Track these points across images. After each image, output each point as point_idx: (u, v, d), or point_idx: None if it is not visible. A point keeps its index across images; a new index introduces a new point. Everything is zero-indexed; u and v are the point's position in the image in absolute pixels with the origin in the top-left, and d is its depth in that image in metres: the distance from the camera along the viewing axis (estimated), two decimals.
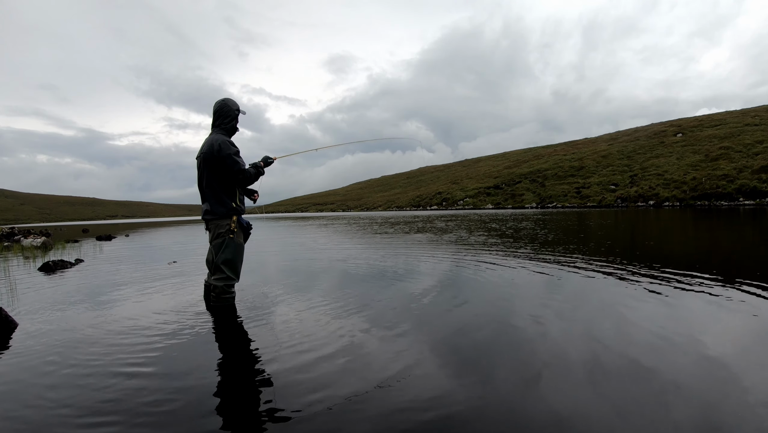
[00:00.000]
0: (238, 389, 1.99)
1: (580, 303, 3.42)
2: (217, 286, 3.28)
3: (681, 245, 8.12)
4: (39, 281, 5.35)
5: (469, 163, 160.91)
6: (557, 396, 1.80)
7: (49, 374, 2.20)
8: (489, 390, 1.87)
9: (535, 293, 3.82)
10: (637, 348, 2.33)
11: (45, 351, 2.56)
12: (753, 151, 56.49)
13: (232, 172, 3.18)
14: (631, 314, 3.03)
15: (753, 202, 44.69)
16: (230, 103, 3.37)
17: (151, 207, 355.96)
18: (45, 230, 22.11)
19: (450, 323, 2.93)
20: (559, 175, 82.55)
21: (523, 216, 26.65)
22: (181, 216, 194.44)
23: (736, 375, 1.97)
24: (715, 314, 2.99)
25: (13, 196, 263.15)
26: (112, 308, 3.66)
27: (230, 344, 2.66)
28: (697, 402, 1.73)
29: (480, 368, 2.13)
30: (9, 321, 3.05)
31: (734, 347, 2.33)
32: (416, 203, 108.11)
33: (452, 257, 6.56)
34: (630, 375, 1.99)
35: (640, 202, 56.90)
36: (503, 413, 1.68)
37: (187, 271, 5.84)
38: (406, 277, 4.86)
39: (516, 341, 2.53)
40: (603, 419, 1.62)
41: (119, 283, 5.02)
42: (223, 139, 3.21)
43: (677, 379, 1.94)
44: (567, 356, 2.25)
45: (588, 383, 1.92)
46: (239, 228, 3.31)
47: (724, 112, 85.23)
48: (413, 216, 37.02)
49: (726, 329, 2.67)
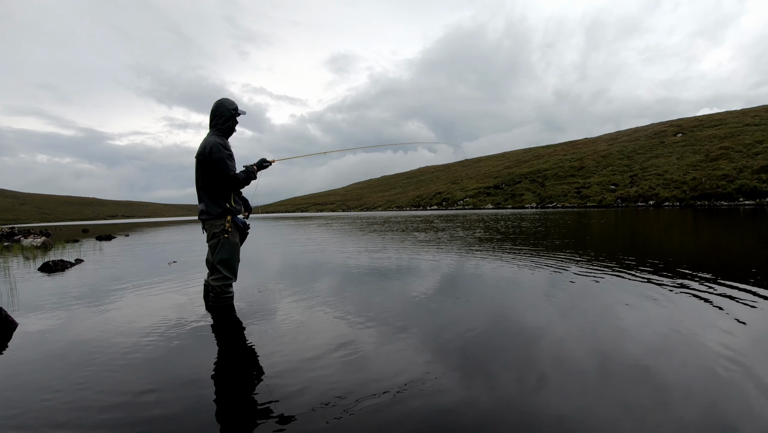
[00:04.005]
0: (237, 389, 1.99)
1: (583, 303, 3.42)
2: (215, 286, 3.28)
3: (681, 245, 8.12)
4: (39, 281, 5.35)
5: (469, 163, 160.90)
6: (561, 396, 1.79)
7: (49, 374, 2.20)
8: (492, 390, 1.87)
9: (536, 293, 3.82)
10: (640, 348, 2.33)
11: (45, 351, 2.56)
12: (753, 151, 56.51)
13: (221, 177, 3.19)
14: (633, 314, 3.03)
15: (753, 202, 44.71)
16: (227, 103, 3.37)
17: (152, 207, 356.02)
18: (45, 229, 22.11)
19: (451, 323, 2.93)
20: (559, 175, 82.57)
21: (523, 216, 26.65)
22: (181, 216, 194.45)
23: (738, 375, 1.96)
24: (716, 314, 2.99)
25: (13, 196, 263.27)
26: (112, 308, 3.66)
27: (229, 344, 2.65)
28: (700, 402, 1.73)
29: (482, 368, 2.13)
30: (9, 321, 3.05)
31: (737, 347, 2.32)
32: (416, 203, 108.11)
33: (453, 257, 6.56)
34: (634, 376, 1.98)
35: (640, 203, 56.89)
36: (507, 414, 1.67)
37: (187, 270, 5.84)
38: (406, 277, 4.86)
39: (518, 341, 2.52)
40: (607, 420, 1.61)
41: (119, 283, 5.02)
42: (216, 141, 3.20)
43: (680, 379, 1.93)
44: (570, 356, 2.24)
45: (592, 383, 1.92)
46: (234, 228, 3.32)
47: (724, 112, 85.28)
48: (413, 216, 37.02)
49: (728, 329, 2.66)
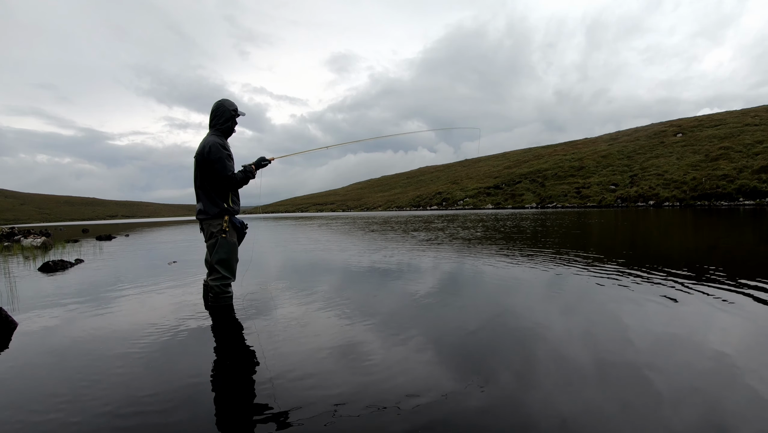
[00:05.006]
0: (236, 390, 2.00)
1: (582, 303, 3.43)
2: (214, 286, 3.29)
3: (681, 245, 8.12)
4: (39, 281, 5.36)
5: (469, 163, 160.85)
6: (562, 397, 1.80)
7: (49, 374, 2.21)
8: (492, 391, 1.88)
9: (536, 293, 3.83)
10: (639, 348, 2.33)
11: (45, 351, 2.57)
12: (753, 151, 56.45)
13: (219, 177, 3.20)
14: (632, 313, 3.03)
15: (753, 202, 44.66)
16: (226, 103, 3.39)
17: (152, 207, 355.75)
18: (45, 229, 22.12)
19: (451, 323, 2.94)
20: (559, 175, 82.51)
21: (523, 216, 26.65)
22: (181, 216, 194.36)
23: (739, 375, 1.97)
24: (717, 313, 3.00)
25: (13, 196, 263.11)
26: (112, 308, 3.67)
27: (229, 344, 2.66)
28: (700, 402, 1.74)
29: (483, 368, 2.14)
30: (9, 321, 3.06)
31: (737, 347, 2.33)
32: (416, 203, 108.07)
33: (453, 257, 6.57)
34: (633, 375, 1.99)
35: (640, 203, 56.87)
36: (507, 414, 1.68)
37: (187, 270, 5.84)
38: (406, 277, 4.87)
39: (519, 341, 2.53)
40: (607, 420, 1.62)
41: (119, 283, 5.03)
42: (215, 141, 3.21)
43: (680, 379, 1.94)
44: (570, 356, 2.25)
45: (591, 383, 1.93)
46: (232, 228, 3.33)
47: (724, 112, 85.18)
48: (413, 216, 37.01)
49: (728, 328, 2.67)
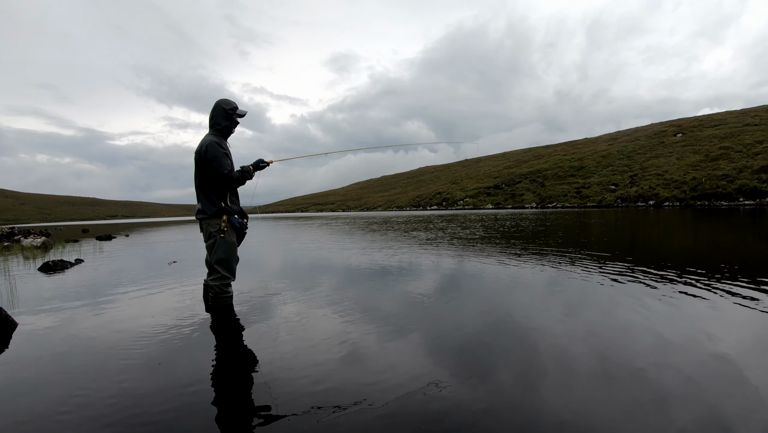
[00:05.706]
0: (236, 390, 2.00)
1: (583, 303, 3.43)
2: (214, 286, 3.29)
3: (681, 245, 8.12)
4: (39, 281, 5.36)
5: (469, 163, 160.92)
6: (562, 397, 1.80)
7: (48, 374, 2.21)
8: (493, 391, 1.88)
9: (537, 293, 3.82)
10: (640, 348, 2.33)
11: (44, 351, 2.57)
12: (753, 151, 56.45)
13: (216, 175, 3.21)
14: (633, 313, 3.03)
15: (753, 202, 44.66)
16: (224, 104, 3.39)
17: (152, 207, 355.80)
18: (45, 229, 22.12)
19: (451, 323, 2.94)
20: (559, 175, 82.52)
21: (523, 216, 26.65)
22: (181, 216, 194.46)
23: (740, 375, 1.97)
24: (717, 314, 3.00)
25: (13, 196, 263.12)
26: (112, 308, 3.67)
27: (229, 344, 2.66)
28: (701, 402, 1.74)
29: (483, 368, 2.13)
30: (9, 321, 3.06)
31: (738, 347, 2.33)
32: (416, 203, 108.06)
33: (453, 257, 6.57)
34: (634, 375, 1.99)
35: (640, 203, 56.86)
36: (508, 414, 1.68)
37: (187, 270, 5.84)
38: (407, 277, 4.87)
39: (519, 341, 2.53)
40: (608, 420, 1.62)
41: (119, 283, 5.03)
42: (212, 140, 3.22)
43: (681, 379, 1.94)
44: (571, 356, 2.25)
45: (593, 383, 1.93)
46: (230, 227, 3.33)
47: (724, 112, 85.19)
48: (413, 216, 37.01)
49: (729, 328, 2.67)
